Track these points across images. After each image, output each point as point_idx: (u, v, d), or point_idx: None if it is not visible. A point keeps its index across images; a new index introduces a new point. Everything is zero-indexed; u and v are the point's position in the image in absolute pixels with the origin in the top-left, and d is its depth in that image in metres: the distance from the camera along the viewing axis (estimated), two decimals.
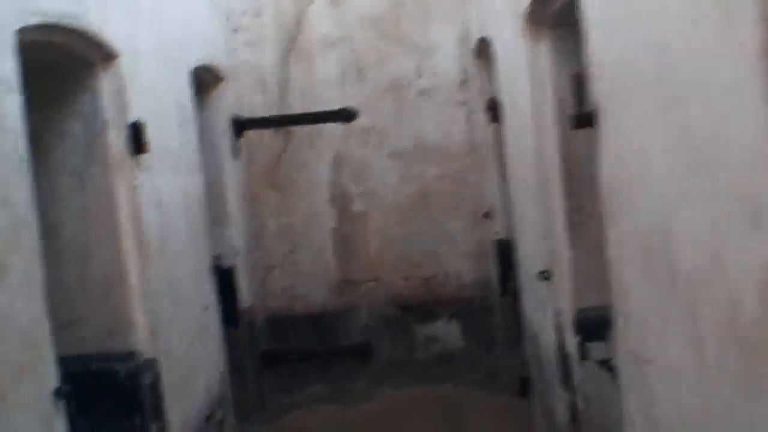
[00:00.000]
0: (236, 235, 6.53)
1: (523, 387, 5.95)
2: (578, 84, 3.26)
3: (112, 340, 3.98)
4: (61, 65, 3.78)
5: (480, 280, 7.36)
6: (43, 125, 3.78)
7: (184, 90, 5.22)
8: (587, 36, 3.13)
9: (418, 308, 7.43)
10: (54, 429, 2.87)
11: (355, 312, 7.45)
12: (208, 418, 5.00)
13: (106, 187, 3.92)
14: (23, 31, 2.91)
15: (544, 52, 4.28)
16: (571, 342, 4.29)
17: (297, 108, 7.27)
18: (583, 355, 4.20)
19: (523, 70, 4.50)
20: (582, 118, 3.18)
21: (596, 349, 4.15)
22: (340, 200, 7.45)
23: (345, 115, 6.87)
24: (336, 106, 7.04)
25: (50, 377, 2.87)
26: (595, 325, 4.10)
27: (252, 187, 7.29)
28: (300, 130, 7.34)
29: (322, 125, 7.24)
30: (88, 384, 3.79)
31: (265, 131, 7.27)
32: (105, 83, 3.91)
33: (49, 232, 3.64)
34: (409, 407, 6.48)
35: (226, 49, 6.93)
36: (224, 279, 5.91)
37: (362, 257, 7.44)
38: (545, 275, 4.55)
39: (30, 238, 2.81)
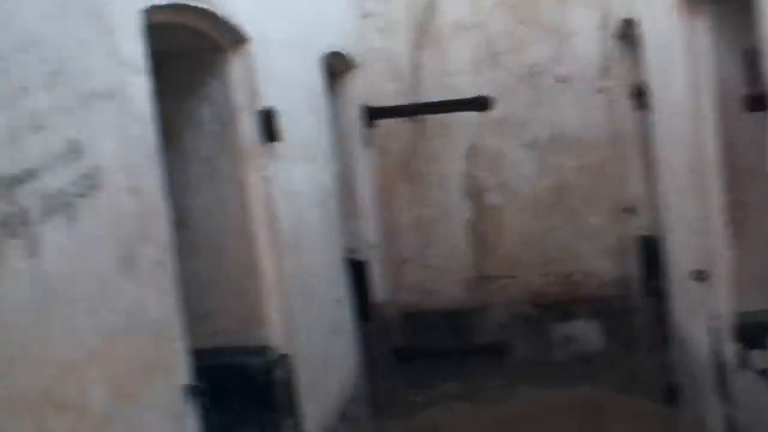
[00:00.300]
0: (369, 227, 6.51)
1: (670, 394, 5.66)
2: (750, 63, 2.95)
3: (245, 333, 3.96)
4: (192, 50, 3.77)
5: (621, 279, 7.07)
6: (174, 113, 3.76)
7: (315, 77, 5.17)
8: (762, 8, 2.82)
9: (555, 307, 7.21)
10: (185, 427, 2.79)
11: (489, 309, 7.29)
12: (342, 416, 4.90)
13: (237, 176, 3.89)
14: (151, 12, 2.85)
15: (703, 30, 4.01)
16: (729, 349, 4.09)
17: (429, 96, 7.11)
18: (743, 364, 3.98)
19: (678, 51, 4.25)
20: (755, 99, 2.88)
21: (757, 357, 3.94)
22: (475, 193, 7.27)
23: (480, 104, 6.65)
24: (469, 94, 6.84)
25: (182, 373, 2.83)
26: (757, 331, 3.92)
27: (384, 179, 7.17)
28: (432, 120, 7.19)
29: (454, 114, 7.05)
30: (220, 377, 3.74)
31: (397, 120, 7.14)
32: (235, 69, 3.88)
33: (180, 222, 3.58)
34: (546, 408, 6.30)
35: (357, 36, 6.85)
36: (357, 273, 5.83)
37: (497, 252, 7.26)
38: (701, 275, 4.26)
39: (161, 227, 2.77)
